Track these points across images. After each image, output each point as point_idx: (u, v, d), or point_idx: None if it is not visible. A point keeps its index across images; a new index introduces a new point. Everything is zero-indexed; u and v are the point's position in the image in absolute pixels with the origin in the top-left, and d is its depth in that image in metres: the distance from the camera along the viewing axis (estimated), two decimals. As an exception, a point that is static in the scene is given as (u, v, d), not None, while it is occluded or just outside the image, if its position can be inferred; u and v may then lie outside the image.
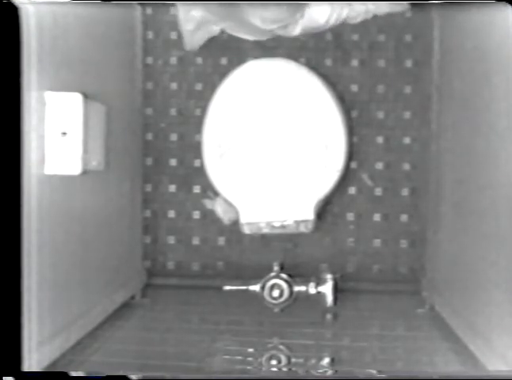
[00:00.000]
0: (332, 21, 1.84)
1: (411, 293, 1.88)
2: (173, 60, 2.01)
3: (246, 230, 1.74)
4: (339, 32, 1.94)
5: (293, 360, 1.42)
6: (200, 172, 1.86)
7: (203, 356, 1.39)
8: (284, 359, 1.42)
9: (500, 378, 1.13)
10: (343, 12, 1.83)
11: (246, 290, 1.74)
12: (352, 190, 1.99)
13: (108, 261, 1.63)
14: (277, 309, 1.73)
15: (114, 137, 1.55)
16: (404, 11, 1.90)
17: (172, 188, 2.04)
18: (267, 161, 1.73)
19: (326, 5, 1.81)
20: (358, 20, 1.88)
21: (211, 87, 1.86)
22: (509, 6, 1.07)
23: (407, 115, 1.97)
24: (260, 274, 1.76)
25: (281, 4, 1.78)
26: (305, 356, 1.42)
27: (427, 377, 1.21)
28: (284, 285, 1.72)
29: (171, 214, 2.04)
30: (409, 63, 1.95)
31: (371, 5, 1.82)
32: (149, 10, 1.98)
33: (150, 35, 1.99)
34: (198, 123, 1.80)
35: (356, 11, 1.84)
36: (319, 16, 1.83)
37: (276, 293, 1.72)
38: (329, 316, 1.70)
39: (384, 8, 1.84)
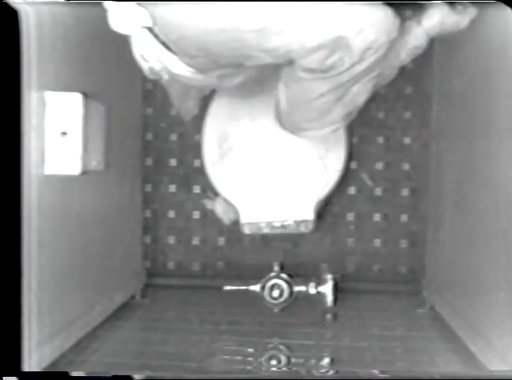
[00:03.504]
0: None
1: (411, 293, 1.88)
2: (173, 60, 2.00)
3: (246, 230, 1.74)
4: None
5: (293, 360, 1.42)
6: (200, 172, 1.86)
7: (203, 356, 1.39)
8: (284, 359, 1.42)
9: (500, 378, 1.12)
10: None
11: (246, 290, 1.74)
12: (352, 190, 1.99)
13: (108, 261, 1.62)
14: (276, 309, 1.73)
15: (114, 137, 1.55)
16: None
17: (172, 188, 2.04)
18: (267, 161, 1.73)
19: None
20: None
21: (211, 87, 1.85)
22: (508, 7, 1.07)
23: (407, 115, 1.97)
24: (260, 274, 1.76)
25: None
26: (305, 356, 1.42)
27: (428, 377, 1.21)
28: (284, 285, 1.72)
29: (171, 214, 2.04)
30: (409, 63, 1.94)
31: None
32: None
33: (150, 35, 1.99)
34: (198, 123, 1.80)
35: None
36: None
37: (276, 293, 1.72)
38: (329, 316, 1.70)
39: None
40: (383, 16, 1.10)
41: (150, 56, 1.25)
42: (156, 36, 1.20)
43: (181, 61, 1.23)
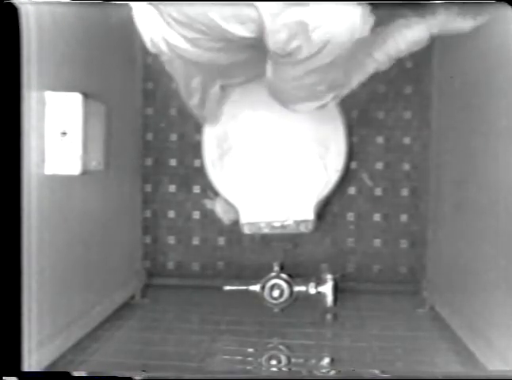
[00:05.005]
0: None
1: (411, 293, 1.88)
2: (173, 60, 2.00)
3: (246, 230, 1.74)
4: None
5: (293, 360, 1.42)
6: (200, 172, 1.86)
7: (203, 356, 1.39)
8: (284, 359, 1.42)
9: (500, 378, 1.13)
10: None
11: (246, 290, 1.74)
12: (352, 190, 1.99)
13: (108, 261, 1.63)
14: (276, 309, 1.73)
15: (114, 137, 1.55)
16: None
17: (172, 188, 2.04)
18: (267, 161, 1.73)
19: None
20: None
21: (211, 87, 1.85)
22: (509, 7, 1.08)
23: (407, 115, 1.97)
24: (260, 274, 1.76)
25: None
26: (305, 356, 1.42)
27: (428, 377, 1.21)
28: (284, 285, 1.72)
29: (171, 214, 2.04)
30: (409, 63, 1.95)
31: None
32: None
33: (150, 35, 1.99)
34: (198, 123, 1.80)
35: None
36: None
37: (276, 293, 1.72)
38: (329, 316, 1.70)
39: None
40: (351, 14, 1.07)
41: (150, 26, 1.26)
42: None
43: (175, 31, 1.23)
